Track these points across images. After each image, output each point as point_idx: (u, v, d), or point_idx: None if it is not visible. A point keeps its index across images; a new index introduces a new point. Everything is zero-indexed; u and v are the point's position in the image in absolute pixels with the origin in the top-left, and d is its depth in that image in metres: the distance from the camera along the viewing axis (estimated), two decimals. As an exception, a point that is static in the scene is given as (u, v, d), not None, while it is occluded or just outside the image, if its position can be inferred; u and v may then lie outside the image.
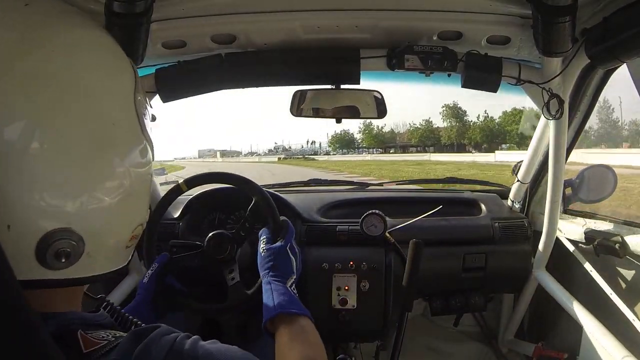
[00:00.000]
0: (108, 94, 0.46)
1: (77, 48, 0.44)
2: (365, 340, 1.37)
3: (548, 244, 1.28)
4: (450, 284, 1.37)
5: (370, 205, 1.33)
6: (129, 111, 0.48)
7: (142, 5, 0.78)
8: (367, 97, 1.20)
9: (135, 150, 0.49)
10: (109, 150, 0.45)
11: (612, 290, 1.08)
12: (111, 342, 0.42)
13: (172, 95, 1.12)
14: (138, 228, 0.51)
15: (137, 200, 0.50)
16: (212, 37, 1.06)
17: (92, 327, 0.45)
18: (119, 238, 0.48)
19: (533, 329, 1.51)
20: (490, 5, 0.94)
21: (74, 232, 0.42)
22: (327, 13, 1.00)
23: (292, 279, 0.83)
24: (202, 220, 1.35)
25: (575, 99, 1.16)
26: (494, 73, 1.08)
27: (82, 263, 0.43)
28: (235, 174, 1.06)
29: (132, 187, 0.48)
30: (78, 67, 0.44)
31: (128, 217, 0.49)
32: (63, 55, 0.43)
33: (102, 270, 0.47)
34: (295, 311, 0.75)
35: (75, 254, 0.42)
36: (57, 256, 0.41)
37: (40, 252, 0.40)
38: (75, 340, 0.41)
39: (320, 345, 0.71)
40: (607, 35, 0.88)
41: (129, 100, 0.48)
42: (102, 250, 0.46)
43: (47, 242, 0.40)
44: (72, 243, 0.42)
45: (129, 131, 0.48)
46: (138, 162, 0.49)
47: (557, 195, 1.23)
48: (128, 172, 0.47)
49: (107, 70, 0.47)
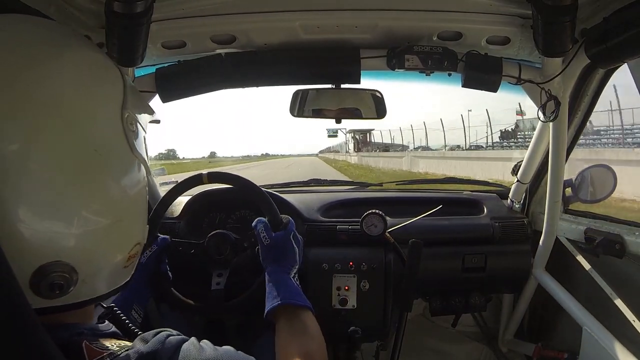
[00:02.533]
0: (92, 120, 0.45)
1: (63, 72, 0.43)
2: (365, 340, 1.37)
3: (548, 244, 1.28)
4: (450, 284, 1.37)
5: (370, 205, 1.33)
6: (115, 134, 0.46)
7: (142, 5, 0.78)
8: (367, 97, 1.20)
9: (125, 173, 0.47)
10: (96, 178, 0.44)
11: (612, 291, 1.08)
12: (115, 352, 0.42)
13: (172, 95, 1.12)
14: (135, 247, 0.50)
15: (130, 222, 0.48)
16: (212, 37, 1.06)
17: (98, 337, 0.45)
18: (113, 261, 0.47)
19: (533, 329, 1.51)
20: (490, 5, 0.93)
21: (65, 264, 0.41)
22: (327, 13, 1.00)
23: (294, 269, 0.83)
24: (202, 220, 1.36)
25: (575, 99, 1.15)
26: (494, 73, 1.08)
27: (78, 289, 0.43)
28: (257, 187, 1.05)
29: (123, 211, 0.47)
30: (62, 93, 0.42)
31: (121, 240, 0.48)
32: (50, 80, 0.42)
33: (102, 292, 0.47)
34: (297, 303, 0.75)
35: (69, 284, 0.42)
36: (51, 288, 0.41)
37: (34, 286, 0.40)
38: (79, 350, 0.41)
39: (320, 338, 0.72)
40: (607, 35, 0.88)
41: (115, 121, 0.47)
42: (98, 275, 0.46)
43: (39, 276, 0.40)
44: (64, 275, 0.41)
45: (116, 154, 0.46)
46: (128, 184, 0.48)
47: (557, 195, 1.23)
48: (118, 196, 0.46)
49: (93, 94, 0.46)
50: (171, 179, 1.78)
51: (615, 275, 1.10)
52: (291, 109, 1.22)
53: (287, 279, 0.80)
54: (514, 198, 1.44)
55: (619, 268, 1.07)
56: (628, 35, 0.83)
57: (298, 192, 1.61)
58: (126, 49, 0.89)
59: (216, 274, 1.03)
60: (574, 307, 1.17)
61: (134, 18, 0.80)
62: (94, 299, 0.46)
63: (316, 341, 0.71)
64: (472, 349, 1.69)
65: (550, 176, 1.21)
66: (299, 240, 0.89)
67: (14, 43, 0.42)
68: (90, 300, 0.46)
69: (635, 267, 1.03)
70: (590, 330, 1.08)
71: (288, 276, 0.81)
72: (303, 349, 0.67)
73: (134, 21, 0.81)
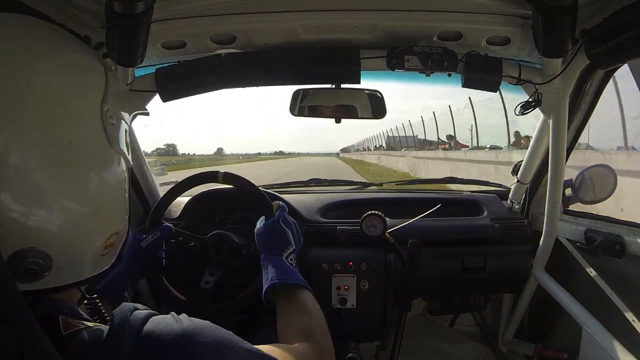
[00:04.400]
0: (69, 113, 0.45)
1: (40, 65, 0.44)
2: (365, 340, 1.37)
3: (548, 245, 1.28)
4: (450, 284, 1.37)
5: (370, 206, 1.33)
6: (93, 127, 0.47)
7: (142, 5, 0.78)
8: (367, 97, 1.21)
9: (102, 165, 0.48)
10: (72, 170, 0.45)
11: (612, 291, 1.08)
12: (89, 326, 0.44)
13: (172, 95, 1.12)
14: (113, 237, 0.51)
15: (107, 213, 0.49)
16: (212, 37, 1.06)
17: (77, 317, 0.46)
18: (89, 250, 0.48)
19: (533, 329, 1.51)
20: (490, 6, 0.93)
21: (38, 250, 0.42)
22: (327, 13, 1.00)
23: (288, 251, 0.83)
24: (202, 220, 1.36)
25: (575, 100, 1.15)
26: (494, 73, 1.08)
27: (53, 275, 0.44)
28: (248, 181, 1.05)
29: (100, 202, 0.47)
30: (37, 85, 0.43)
31: (97, 230, 0.48)
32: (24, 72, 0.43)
33: (78, 278, 0.48)
34: (289, 282, 0.76)
35: (42, 270, 0.43)
36: (26, 273, 0.42)
37: (12, 269, 0.41)
38: (56, 323, 0.43)
39: (319, 315, 0.72)
40: (607, 36, 0.88)
41: (94, 114, 0.47)
42: (72, 262, 0.46)
43: (16, 260, 0.41)
44: (39, 261, 0.42)
45: (94, 147, 0.47)
46: (106, 176, 0.48)
47: (557, 196, 1.23)
48: (95, 188, 0.47)
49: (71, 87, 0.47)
50: (171, 179, 1.78)
51: (615, 276, 1.10)
52: (291, 108, 1.22)
53: (278, 260, 0.80)
54: (514, 198, 1.44)
55: (619, 268, 1.07)
56: (628, 35, 0.83)
57: (298, 193, 1.61)
58: (126, 49, 0.89)
59: (208, 273, 1.04)
60: (574, 307, 1.17)
61: (134, 18, 0.80)
62: (66, 286, 0.47)
63: (314, 318, 0.71)
64: (472, 349, 1.69)
65: (550, 176, 1.21)
66: (289, 222, 0.89)
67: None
68: (63, 286, 0.46)
69: (635, 267, 1.03)
70: (590, 330, 1.08)
71: (280, 257, 0.81)
72: (301, 327, 0.67)
73: (134, 21, 0.81)
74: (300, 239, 0.90)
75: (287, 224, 0.88)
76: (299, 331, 0.66)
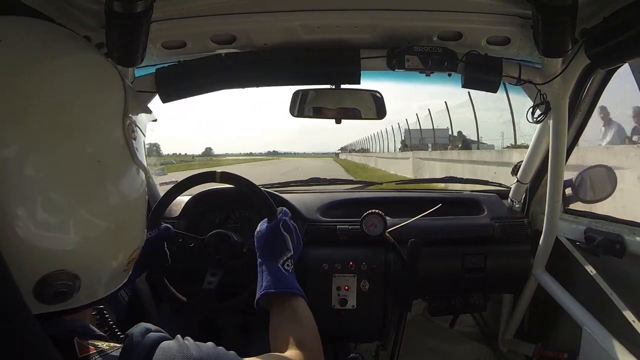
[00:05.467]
0: (93, 128, 0.44)
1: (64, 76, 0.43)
2: (365, 340, 1.37)
3: (548, 244, 1.28)
4: (449, 283, 1.37)
5: (370, 205, 1.33)
6: (117, 142, 0.46)
7: (142, 5, 0.78)
8: (367, 97, 1.21)
9: (126, 180, 0.47)
10: (97, 188, 0.44)
11: (612, 291, 1.08)
12: (105, 350, 0.43)
13: (172, 95, 1.12)
14: (135, 252, 0.51)
15: (131, 228, 0.49)
16: (212, 37, 1.06)
17: (91, 337, 0.45)
18: (115, 267, 0.48)
19: (533, 329, 1.51)
20: (491, 5, 0.93)
21: (69, 272, 0.42)
22: (327, 13, 1.00)
23: (285, 256, 0.82)
24: (202, 219, 1.36)
25: (575, 99, 1.15)
26: (494, 73, 1.08)
27: (81, 295, 0.44)
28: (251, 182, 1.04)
29: (125, 217, 0.47)
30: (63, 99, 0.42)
31: (123, 246, 0.48)
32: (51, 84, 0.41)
33: (102, 295, 0.48)
34: (281, 290, 0.75)
35: (72, 291, 0.42)
36: (55, 297, 0.41)
37: (38, 294, 0.41)
38: (71, 346, 0.42)
39: (311, 323, 0.72)
40: (607, 36, 0.88)
41: (117, 129, 0.46)
42: (99, 280, 0.46)
43: (43, 285, 0.41)
44: (68, 283, 0.42)
45: (117, 162, 0.46)
46: (130, 190, 0.47)
47: (557, 196, 1.23)
48: (119, 203, 0.46)
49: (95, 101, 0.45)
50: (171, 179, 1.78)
51: (616, 276, 1.10)
52: (291, 109, 1.22)
53: (274, 266, 0.79)
54: (514, 198, 1.44)
55: (619, 268, 1.07)
56: (628, 35, 0.83)
57: (298, 192, 1.61)
58: (126, 49, 0.89)
59: (210, 273, 1.03)
60: (574, 307, 1.17)
61: (134, 18, 0.80)
62: (93, 303, 0.47)
63: (306, 327, 0.70)
64: (471, 349, 1.69)
65: (550, 176, 1.21)
66: (290, 227, 0.87)
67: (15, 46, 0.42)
68: (88, 304, 0.46)
69: (635, 267, 1.03)
70: (590, 330, 1.08)
71: (275, 264, 0.80)
72: (292, 335, 0.67)
73: (134, 21, 0.81)
74: (300, 244, 0.89)
75: (287, 229, 0.87)
76: (290, 340, 0.66)
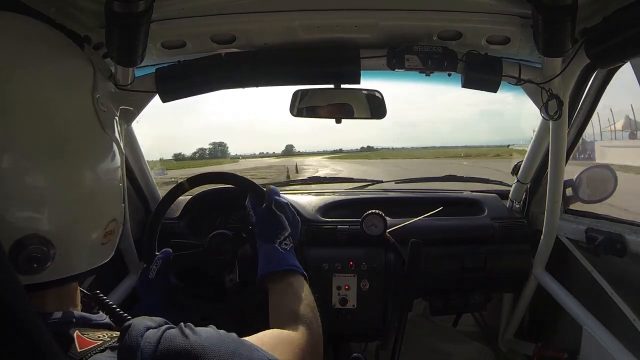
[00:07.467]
0: (63, 101, 0.47)
1: (24, 60, 0.45)
2: (365, 339, 1.37)
3: (548, 244, 1.28)
4: (450, 283, 1.37)
5: (370, 205, 1.33)
6: (85, 113, 0.49)
7: (142, 5, 0.78)
8: (367, 97, 1.20)
9: (97, 150, 0.49)
10: (63, 154, 0.45)
11: (613, 290, 1.08)
12: (106, 341, 0.43)
13: (172, 95, 1.12)
14: (111, 224, 0.51)
15: (104, 198, 0.50)
16: (212, 37, 1.06)
17: (90, 327, 0.45)
18: (89, 236, 0.49)
19: (533, 329, 1.51)
20: (490, 5, 0.93)
21: (41, 236, 0.43)
22: (327, 13, 1.00)
23: (282, 236, 0.82)
24: (202, 220, 1.36)
25: (575, 99, 1.15)
26: (494, 73, 1.07)
27: (57, 264, 0.44)
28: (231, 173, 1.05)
29: (96, 186, 0.48)
30: (25, 80, 0.44)
31: (96, 216, 0.49)
32: (10, 69, 0.43)
33: (81, 269, 0.48)
34: (275, 269, 0.76)
35: (46, 258, 0.43)
36: (29, 262, 0.42)
37: (13, 260, 0.41)
38: (70, 340, 0.42)
39: (308, 297, 0.72)
40: (607, 35, 0.88)
41: (86, 101, 0.49)
42: (74, 250, 0.47)
43: (18, 249, 0.41)
44: (42, 248, 0.43)
45: (87, 133, 0.48)
46: (101, 161, 0.50)
47: (558, 196, 1.23)
48: (90, 173, 0.48)
49: (58, 77, 0.48)
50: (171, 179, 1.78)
51: (616, 275, 1.10)
52: (291, 109, 1.22)
53: (271, 247, 0.80)
54: (514, 198, 1.44)
55: (620, 268, 1.07)
56: (628, 35, 0.83)
57: (298, 192, 1.61)
58: (126, 49, 0.89)
59: (227, 272, 1.03)
60: (574, 306, 1.17)
61: (134, 18, 0.80)
62: (74, 276, 0.47)
63: (302, 300, 0.71)
64: (472, 348, 1.69)
65: (551, 176, 1.21)
66: (282, 205, 0.87)
67: None
68: (70, 277, 0.47)
69: (636, 266, 1.02)
70: (591, 329, 1.09)
71: (273, 245, 0.80)
72: (288, 311, 0.68)
73: (133, 21, 0.81)
74: (297, 220, 0.89)
75: (280, 208, 0.86)
76: (287, 315, 0.67)
